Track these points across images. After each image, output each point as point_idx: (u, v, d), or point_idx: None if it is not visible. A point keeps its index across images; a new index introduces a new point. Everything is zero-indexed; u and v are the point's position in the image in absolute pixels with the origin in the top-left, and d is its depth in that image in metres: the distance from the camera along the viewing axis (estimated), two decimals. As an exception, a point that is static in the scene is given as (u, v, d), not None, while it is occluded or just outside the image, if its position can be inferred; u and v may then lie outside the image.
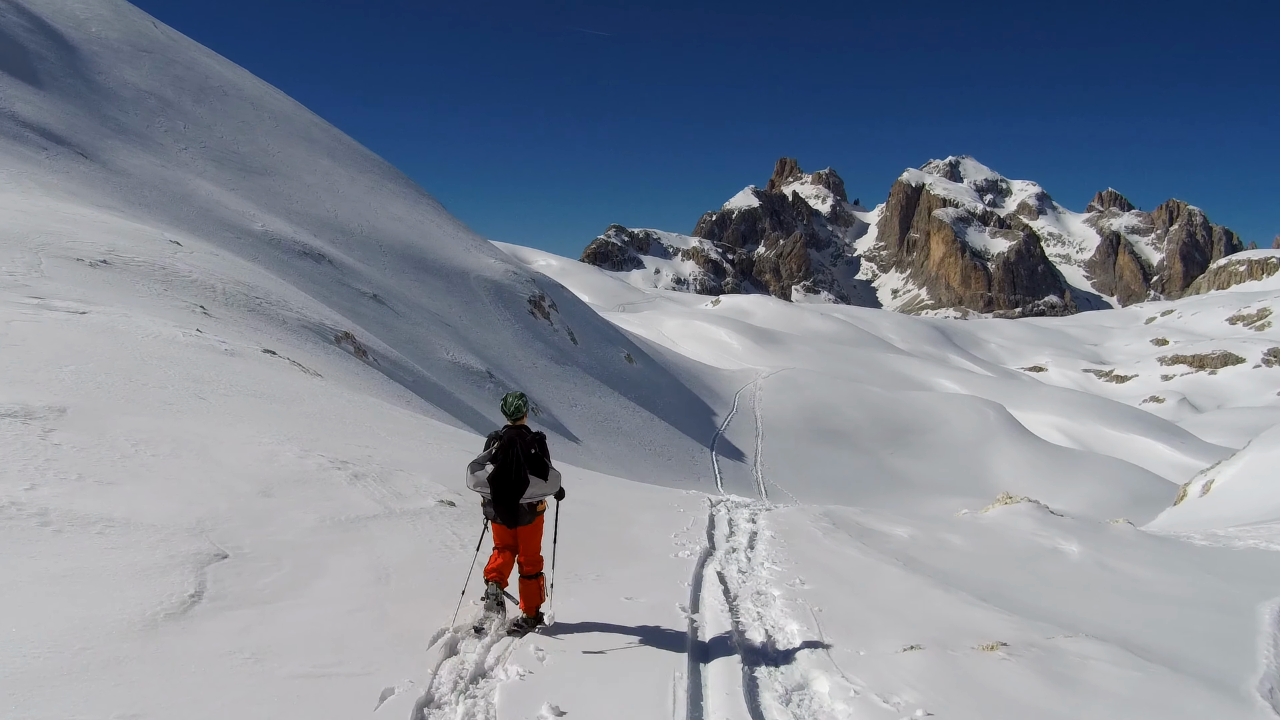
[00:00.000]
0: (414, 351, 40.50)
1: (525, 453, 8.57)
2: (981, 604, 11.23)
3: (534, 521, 8.76)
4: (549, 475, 8.64)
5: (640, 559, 12.03)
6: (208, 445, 11.96)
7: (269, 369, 19.26)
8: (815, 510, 18.65)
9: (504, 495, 8.53)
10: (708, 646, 8.57)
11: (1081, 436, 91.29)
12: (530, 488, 8.53)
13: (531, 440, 8.66)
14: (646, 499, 17.89)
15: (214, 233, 39.30)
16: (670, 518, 15.34)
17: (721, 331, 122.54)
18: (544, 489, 8.62)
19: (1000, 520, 19.73)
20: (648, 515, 15.33)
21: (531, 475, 8.53)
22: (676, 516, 15.58)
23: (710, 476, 54.32)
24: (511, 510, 8.55)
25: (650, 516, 15.24)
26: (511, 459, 8.54)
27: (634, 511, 15.55)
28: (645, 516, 15.17)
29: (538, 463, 8.59)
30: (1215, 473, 42.64)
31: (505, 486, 8.51)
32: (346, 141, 78.85)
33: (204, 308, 23.44)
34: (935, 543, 16.04)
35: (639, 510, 15.83)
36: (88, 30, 59.54)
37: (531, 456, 8.57)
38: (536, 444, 8.66)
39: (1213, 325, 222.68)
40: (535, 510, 8.74)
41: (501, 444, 8.60)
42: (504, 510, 8.56)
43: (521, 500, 8.52)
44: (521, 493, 8.51)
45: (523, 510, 8.58)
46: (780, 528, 15.59)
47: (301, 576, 8.62)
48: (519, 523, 8.63)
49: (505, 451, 8.57)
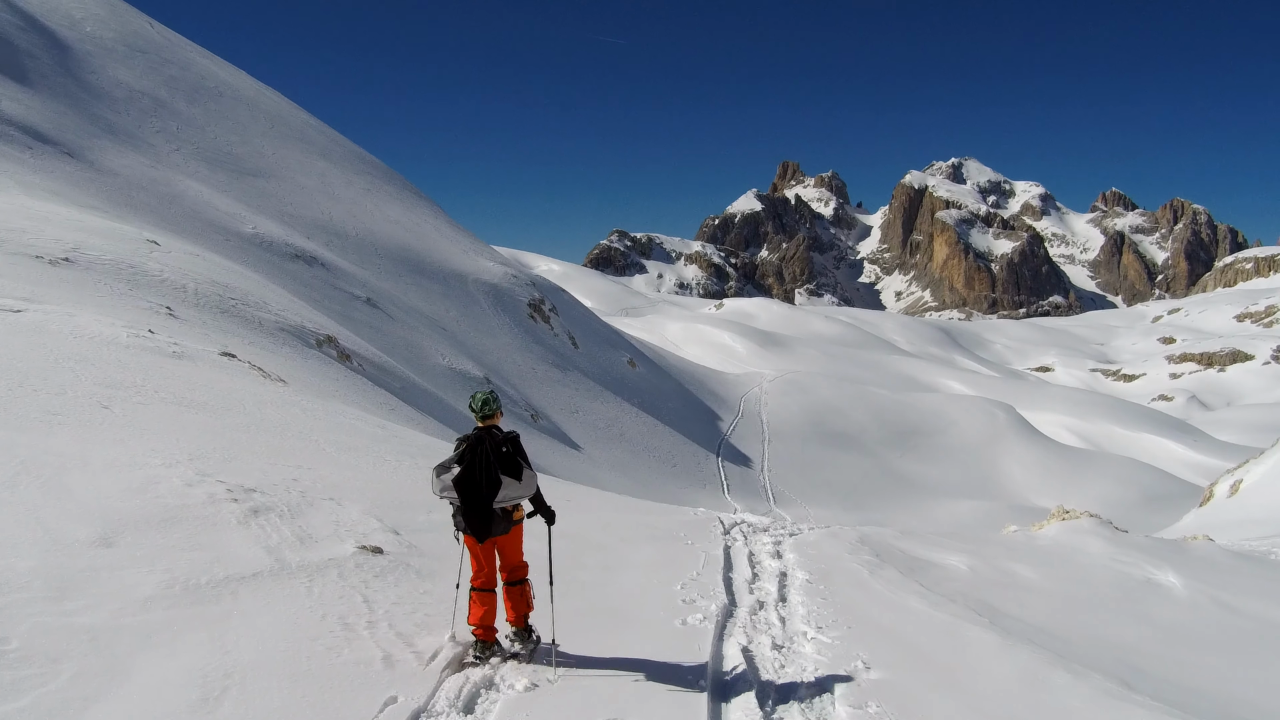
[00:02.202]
0: (407, 357, 39.51)
1: (496, 451, 7.68)
2: (1128, 695, 8.64)
3: (511, 531, 7.89)
4: (523, 475, 7.71)
5: (631, 627, 9.01)
6: (66, 469, 9.52)
7: (218, 373, 17.58)
8: (849, 537, 15.84)
9: (473, 499, 7.62)
10: None
11: (1092, 436, 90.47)
12: (503, 489, 7.62)
13: (503, 439, 7.78)
14: (645, 526, 14.91)
15: (201, 234, 38.34)
16: (674, 554, 12.62)
17: (725, 335, 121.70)
18: (518, 490, 7.71)
19: (1063, 540, 17.48)
20: (646, 551, 12.59)
21: (503, 475, 7.63)
22: (683, 552, 12.80)
23: (717, 483, 53.28)
24: (484, 516, 7.65)
25: (649, 553, 12.48)
26: (480, 459, 7.65)
27: (628, 546, 12.73)
28: (643, 554, 12.39)
29: (509, 461, 7.69)
30: (1243, 472, 41.33)
31: (473, 489, 7.62)
32: (343, 143, 77.92)
33: (170, 308, 22.23)
34: (1002, 576, 13.85)
35: (635, 543, 13.08)
36: (82, 29, 59.06)
37: (503, 455, 7.68)
38: (509, 443, 7.78)
39: (1220, 323, 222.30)
40: (511, 518, 7.84)
41: (469, 444, 7.75)
42: (474, 517, 7.66)
43: (494, 504, 7.63)
44: (493, 495, 7.61)
45: (496, 517, 7.70)
46: (814, 565, 12.81)
47: (72, 699, 5.71)
48: (492, 532, 7.74)
49: (473, 451, 7.70)
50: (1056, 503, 60.57)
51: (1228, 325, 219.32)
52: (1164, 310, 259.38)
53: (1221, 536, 24.75)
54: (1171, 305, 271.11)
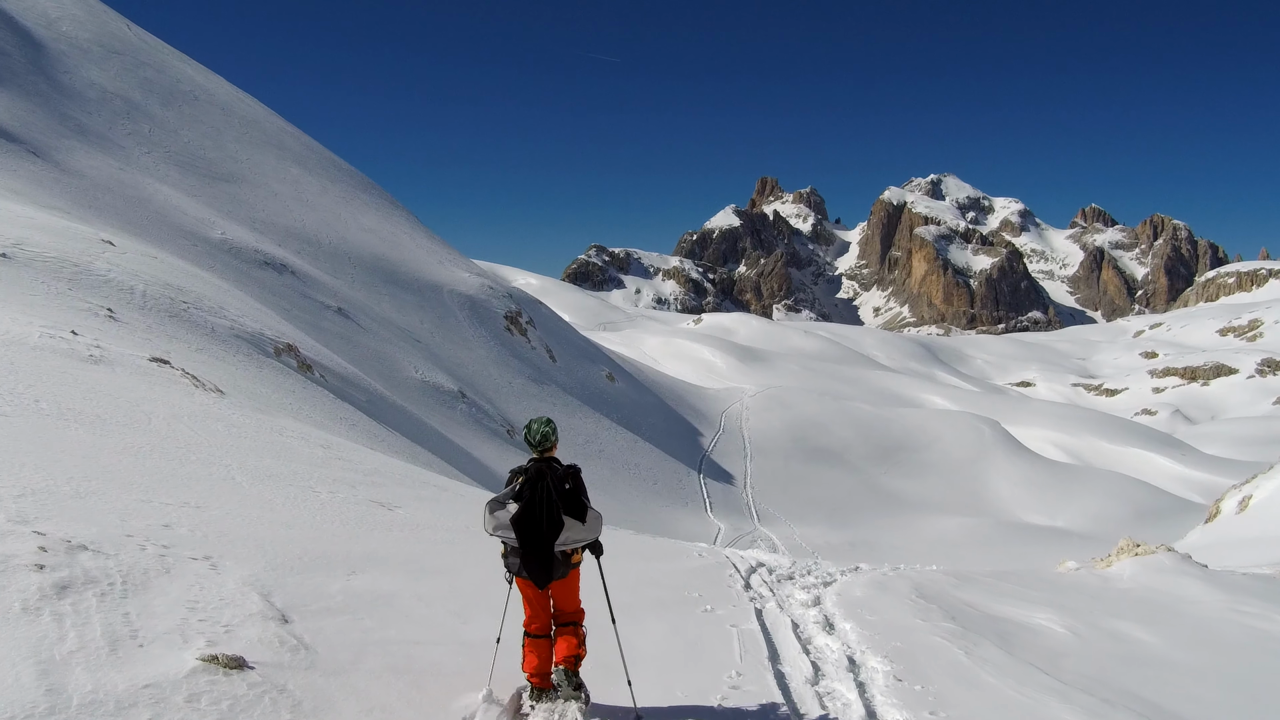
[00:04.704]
0: (378, 369, 38.11)
1: (558, 488, 6.95)
2: None
3: (569, 575, 7.13)
4: (587, 516, 6.99)
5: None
6: None
7: (135, 382, 15.55)
8: (901, 589, 12.94)
9: (533, 541, 6.87)
10: None
11: (1078, 451, 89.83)
12: (565, 531, 6.88)
13: (564, 474, 7.07)
14: (645, 579, 11.80)
15: (167, 238, 36.92)
16: (695, 633, 9.65)
17: (705, 350, 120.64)
18: (581, 534, 6.97)
19: (1150, 583, 15.04)
20: (655, 630, 9.50)
21: (566, 516, 6.89)
22: (706, 628, 9.86)
23: (699, 501, 51.98)
24: (543, 560, 6.90)
25: (660, 634, 9.39)
26: (540, 496, 6.90)
27: (631, 622, 9.09)
28: (652, 635, 9.25)
29: (573, 500, 6.98)
30: (1252, 487, 40.23)
31: (534, 530, 6.86)
32: (319, 150, 76.52)
33: (111, 310, 20.68)
34: (1115, 643, 11.30)
35: (638, 614, 9.85)
36: (58, 29, 58.08)
37: (566, 493, 6.97)
38: (571, 478, 7.08)
39: (1203, 338, 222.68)
40: (569, 561, 7.06)
41: (528, 478, 6.99)
42: (534, 561, 6.91)
43: (555, 547, 6.88)
44: (555, 537, 6.87)
45: (556, 561, 6.94)
46: (885, 643, 9.93)
47: None
48: (552, 577, 6.98)
49: (532, 487, 6.94)
50: (1044, 518, 59.90)
51: (1210, 340, 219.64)
52: (1145, 325, 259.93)
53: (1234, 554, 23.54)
54: (1153, 320, 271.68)
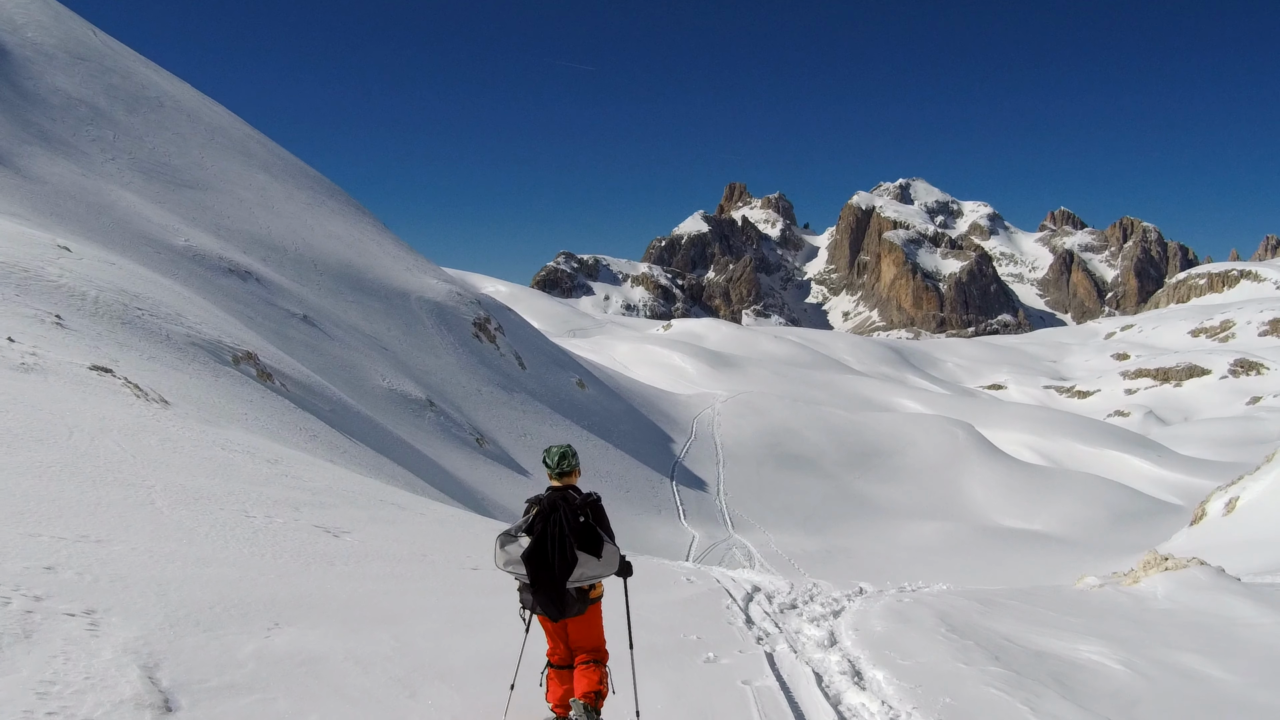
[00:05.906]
0: (344, 377, 37.35)
1: (572, 521, 6.61)
2: None
3: (587, 611, 6.77)
4: (603, 551, 6.62)
5: None
6: None
7: (66, 391, 14.51)
8: (924, 619, 11.78)
9: (544, 577, 6.56)
10: None
11: (1053, 454, 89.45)
12: (578, 568, 6.53)
13: (581, 505, 6.73)
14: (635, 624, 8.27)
15: (128, 245, 36.15)
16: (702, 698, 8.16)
17: (675, 355, 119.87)
18: (596, 570, 6.59)
19: (1192, 604, 13.86)
20: (651, 693, 7.92)
21: (580, 551, 6.55)
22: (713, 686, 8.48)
23: (672, 508, 51.34)
24: (556, 598, 6.58)
25: (657, 698, 7.91)
26: (553, 530, 6.60)
27: (622, 688, 7.38)
28: (647, 700, 7.65)
29: (588, 534, 6.62)
30: (1239, 489, 39.72)
31: (544, 567, 6.55)
32: (285, 157, 75.51)
33: (59, 317, 19.91)
34: (1183, 680, 10.05)
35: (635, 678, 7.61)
36: (23, 35, 57.17)
37: (580, 526, 6.62)
38: (588, 510, 6.73)
39: (1174, 339, 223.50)
40: (588, 597, 6.73)
41: (540, 509, 6.71)
42: (546, 598, 6.59)
43: (568, 584, 6.54)
44: (567, 576, 6.53)
45: (570, 598, 6.60)
46: (927, 697, 8.53)
47: None
48: (567, 614, 6.66)
49: (545, 520, 6.65)
50: (1020, 522, 59.43)
51: (1182, 341, 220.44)
52: (1117, 327, 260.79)
53: (1224, 558, 22.93)
54: (1124, 322, 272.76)
